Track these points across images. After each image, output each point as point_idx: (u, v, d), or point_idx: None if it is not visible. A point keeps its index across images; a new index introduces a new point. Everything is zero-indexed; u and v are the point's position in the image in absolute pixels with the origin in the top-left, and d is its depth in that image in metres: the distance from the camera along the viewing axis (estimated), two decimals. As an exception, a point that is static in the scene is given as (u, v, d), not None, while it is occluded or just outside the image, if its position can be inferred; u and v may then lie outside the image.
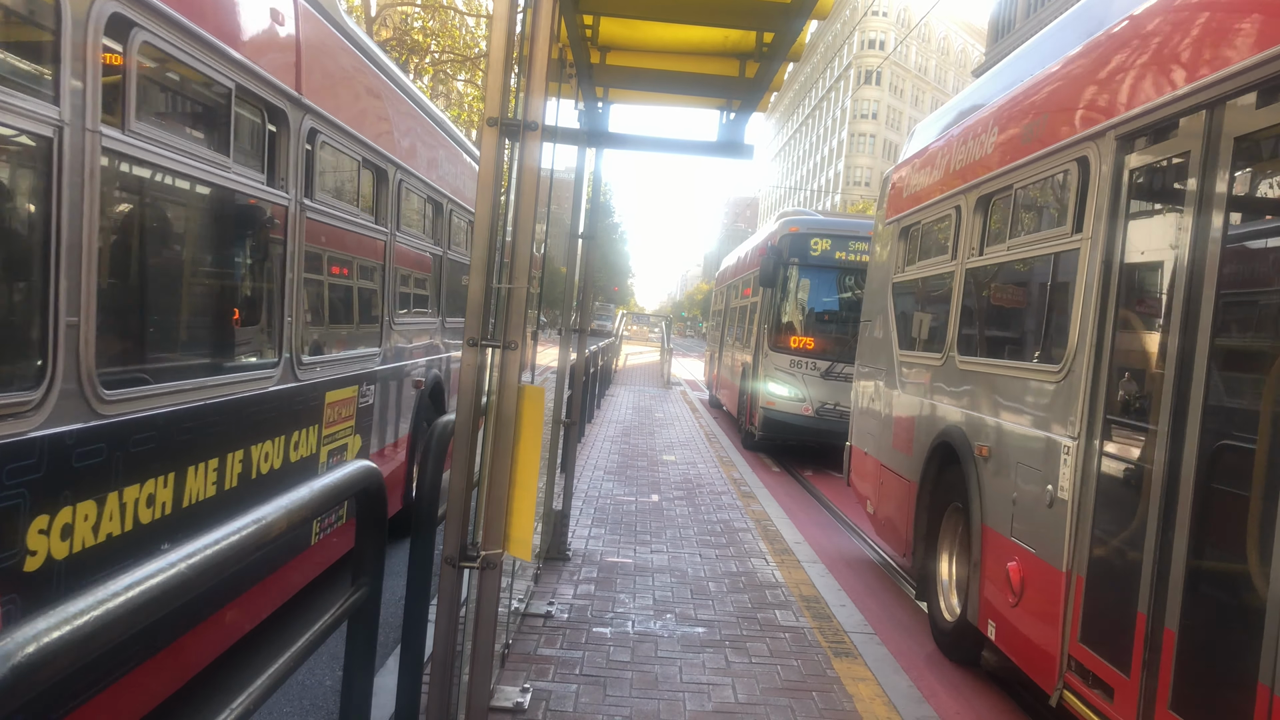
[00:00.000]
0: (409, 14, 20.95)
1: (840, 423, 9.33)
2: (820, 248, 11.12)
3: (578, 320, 5.42)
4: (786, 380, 11.01)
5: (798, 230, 11.40)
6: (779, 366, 11.12)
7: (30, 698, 0.94)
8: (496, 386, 2.59)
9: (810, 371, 10.88)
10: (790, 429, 10.96)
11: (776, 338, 11.22)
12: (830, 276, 11.32)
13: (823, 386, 10.81)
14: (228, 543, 1.42)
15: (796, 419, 10.90)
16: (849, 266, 11.06)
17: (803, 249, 11.17)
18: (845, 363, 10.20)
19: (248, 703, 1.53)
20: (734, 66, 4.55)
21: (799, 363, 10.98)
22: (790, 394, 10.95)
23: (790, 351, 11.08)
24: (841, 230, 11.47)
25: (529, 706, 3.44)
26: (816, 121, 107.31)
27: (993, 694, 4.36)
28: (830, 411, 10.69)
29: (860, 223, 11.65)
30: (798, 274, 11.29)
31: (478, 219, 2.53)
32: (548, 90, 2.62)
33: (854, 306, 10.33)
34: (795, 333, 11.21)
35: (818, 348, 11.05)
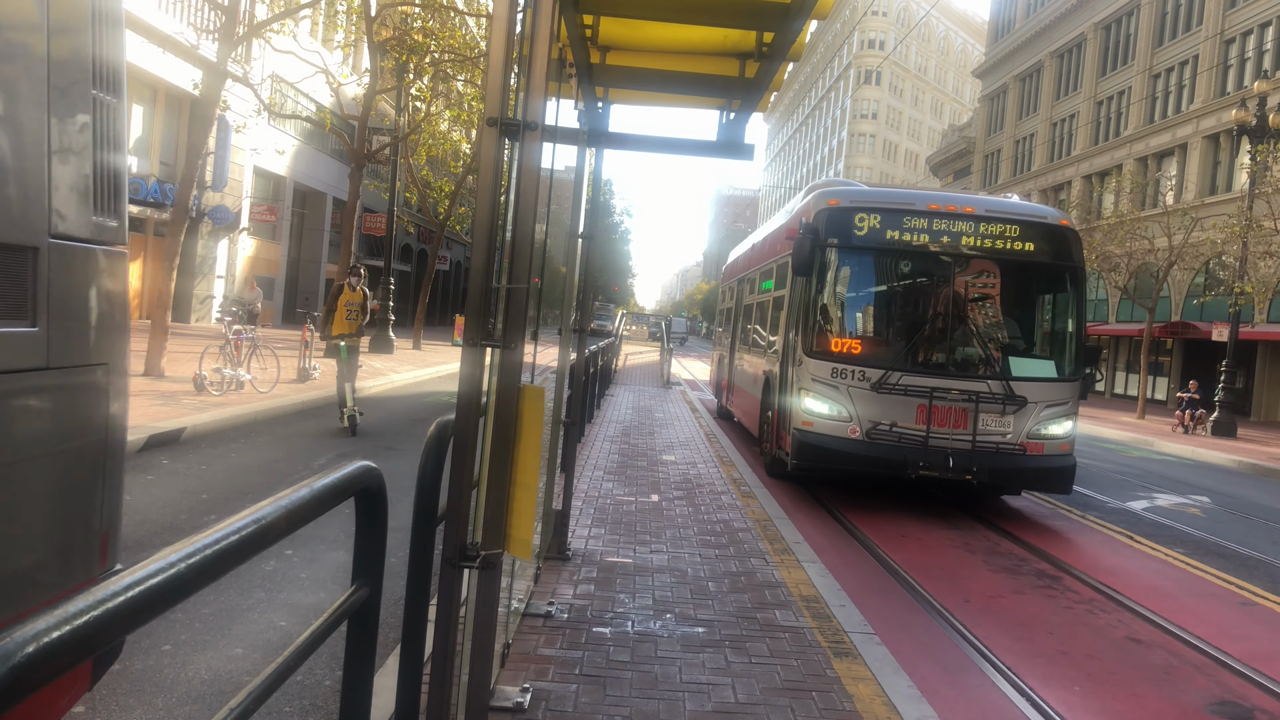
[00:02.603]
0: (409, 14, 20.94)
1: (902, 450, 8.27)
2: (867, 225, 8.72)
3: (578, 320, 5.42)
4: (828, 394, 8.62)
5: (838, 204, 8.93)
6: (818, 376, 8.69)
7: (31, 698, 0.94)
8: (496, 386, 2.59)
9: (858, 383, 8.50)
10: (833, 456, 8.51)
11: (814, 340, 8.86)
12: (883, 261, 9.03)
13: (875, 402, 8.45)
14: (228, 542, 1.42)
15: (841, 444, 8.51)
16: (906, 250, 8.75)
17: (845, 227, 8.77)
18: (907, 372, 8.49)
19: (248, 703, 1.52)
20: (734, 66, 4.55)
21: (844, 372, 8.57)
22: (832, 411, 8.59)
23: (833, 357, 8.70)
24: (893, 203, 8.93)
25: (529, 706, 3.44)
26: (816, 121, 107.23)
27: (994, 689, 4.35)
28: (886, 435, 8.38)
29: (917, 194, 9.37)
30: (840, 259, 8.94)
31: (478, 219, 2.53)
32: (547, 90, 2.62)
33: (915, 301, 9.04)
34: (839, 334, 9.00)
35: (868, 353, 8.82)
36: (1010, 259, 8.78)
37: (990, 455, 8.32)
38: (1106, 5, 41.48)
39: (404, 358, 22.46)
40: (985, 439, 8.37)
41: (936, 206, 8.77)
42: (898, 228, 8.72)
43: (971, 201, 8.95)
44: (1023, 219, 8.79)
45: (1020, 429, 8.47)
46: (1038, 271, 8.99)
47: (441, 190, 28.06)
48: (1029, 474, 8.55)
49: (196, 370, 11.91)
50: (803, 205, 10.30)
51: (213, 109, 14.16)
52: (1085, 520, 9.27)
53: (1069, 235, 8.88)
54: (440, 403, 14.73)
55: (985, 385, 8.42)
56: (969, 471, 8.15)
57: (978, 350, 8.91)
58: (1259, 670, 4.99)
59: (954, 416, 8.38)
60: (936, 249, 8.68)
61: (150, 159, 23.92)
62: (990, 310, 9.17)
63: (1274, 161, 21.20)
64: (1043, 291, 9.23)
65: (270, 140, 28.23)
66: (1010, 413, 8.44)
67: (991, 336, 9.04)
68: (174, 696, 3.54)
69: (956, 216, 8.69)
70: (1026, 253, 8.74)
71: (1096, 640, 5.35)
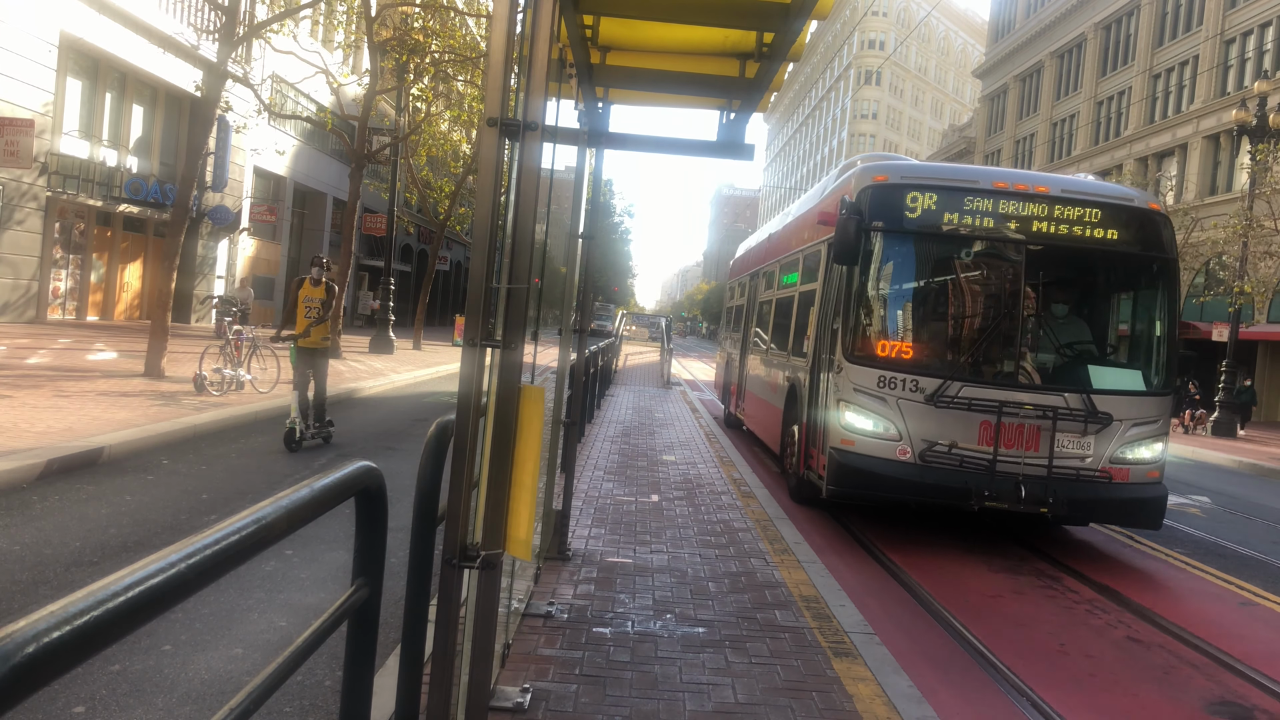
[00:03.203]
0: (409, 14, 20.94)
1: (963, 476, 6.97)
2: (921, 205, 7.35)
3: (578, 320, 5.42)
4: (872, 407, 7.24)
5: (886, 181, 7.54)
6: (861, 386, 7.30)
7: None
8: (496, 387, 2.59)
9: (910, 394, 7.14)
10: (878, 482, 7.15)
11: (857, 343, 7.47)
12: (940, 250, 7.62)
13: (931, 418, 7.10)
14: (227, 542, 1.42)
15: (888, 468, 7.13)
16: (968, 236, 7.38)
17: (894, 208, 7.39)
18: (969, 382, 7.13)
19: (247, 703, 1.52)
20: (734, 66, 4.55)
21: (892, 381, 7.19)
22: (878, 428, 7.23)
23: (879, 363, 7.31)
24: (952, 179, 7.60)
25: (529, 706, 3.44)
26: (816, 122, 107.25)
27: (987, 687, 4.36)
28: (944, 458, 7.05)
29: (979, 170, 7.92)
30: (888, 247, 7.54)
31: (477, 219, 2.53)
32: (548, 90, 2.62)
33: (978, 297, 7.62)
34: (887, 336, 7.60)
35: (922, 358, 7.43)
36: (1091, 248, 7.42)
37: (1069, 483, 7.02)
38: (1106, 5, 41.49)
39: (404, 358, 22.46)
40: (1063, 463, 7.05)
41: (1004, 185, 7.42)
42: (957, 209, 7.32)
43: (1044, 180, 7.62)
44: (1106, 201, 7.44)
45: (1103, 451, 7.16)
46: (1123, 264, 7.80)
47: (441, 190, 28.06)
48: (1113, 506, 7.19)
49: (196, 370, 11.91)
50: (841, 183, 8.62)
51: (213, 109, 14.16)
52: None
53: (1159, 221, 7.56)
54: (440, 403, 14.73)
55: (1062, 399, 7.08)
56: (1044, 503, 6.81)
57: (1053, 357, 7.62)
58: (1259, 670, 4.99)
59: (1026, 436, 7.03)
60: (1004, 235, 7.33)
61: (150, 159, 23.93)
62: (1067, 309, 7.80)
63: (1274, 161, 21.21)
64: (1128, 288, 8.06)
65: (270, 140, 28.23)
66: (1092, 432, 7.12)
67: (1069, 341, 7.75)
68: (174, 696, 3.54)
69: (1027, 197, 7.36)
70: (1110, 241, 7.40)
71: (1096, 640, 5.35)
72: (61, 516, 5.96)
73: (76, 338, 17.59)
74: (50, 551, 5.20)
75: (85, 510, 6.17)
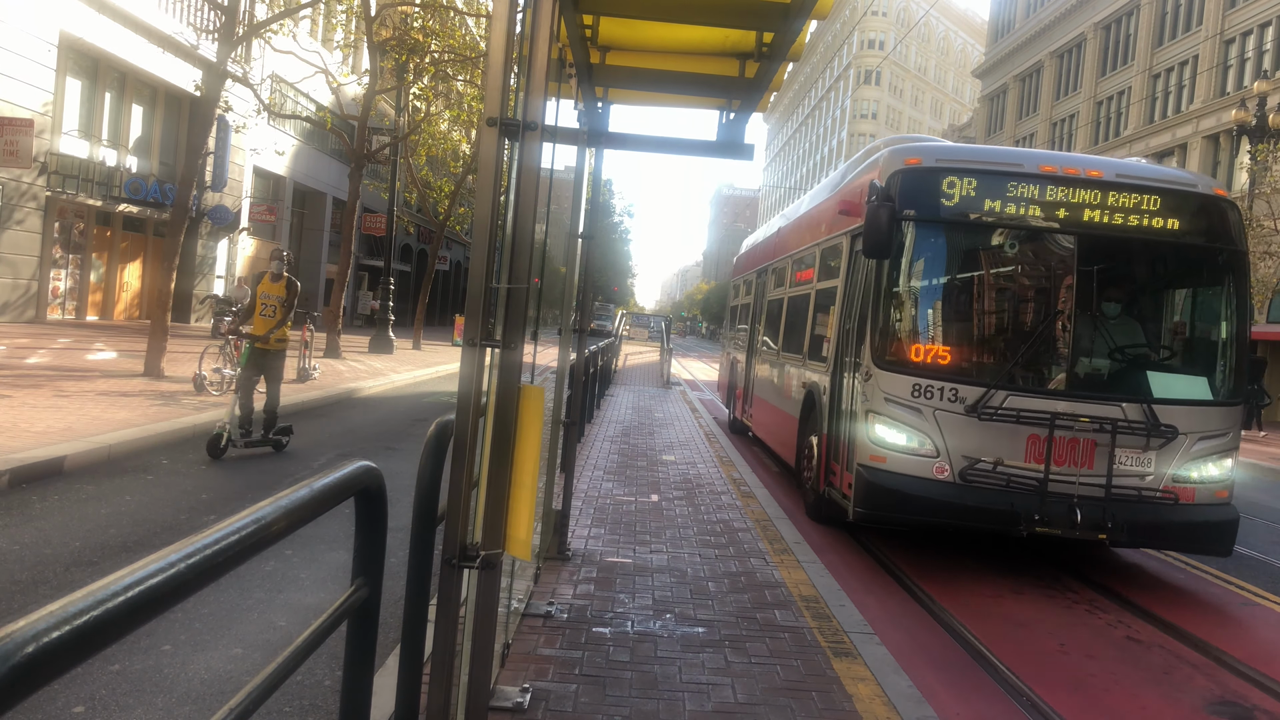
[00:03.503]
0: (409, 14, 20.94)
1: (1010, 497, 6.22)
2: (960, 192, 6.57)
3: (577, 320, 5.43)
4: (906, 419, 6.47)
5: (919, 164, 6.74)
6: (893, 395, 6.52)
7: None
8: (496, 387, 2.59)
9: (949, 404, 6.39)
10: (913, 504, 6.39)
11: (889, 347, 6.70)
12: (981, 242, 6.82)
13: (972, 431, 6.35)
14: (227, 542, 1.42)
15: (925, 487, 6.38)
16: (1013, 226, 6.63)
17: (929, 195, 6.62)
18: (1016, 391, 6.41)
19: (247, 703, 1.52)
20: (734, 66, 4.55)
21: (929, 389, 6.44)
22: (912, 443, 6.48)
23: (914, 370, 6.54)
24: (993, 163, 6.81)
25: (529, 706, 3.44)
26: (816, 121, 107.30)
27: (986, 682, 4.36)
28: (988, 477, 6.30)
29: (1022, 153, 7.16)
30: (922, 239, 6.78)
31: (477, 219, 2.53)
32: (547, 90, 2.62)
33: (1025, 295, 6.92)
34: (923, 339, 6.78)
35: (962, 364, 6.64)
36: (1152, 240, 6.66)
37: (1129, 505, 6.25)
38: (1106, 5, 41.51)
39: (404, 358, 22.46)
40: (1123, 483, 6.30)
41: (1051, 169, 6.66)
42: (999, 196, 6.55)
43: (1096, 163, 6.84)
44: (1166, 186, 6.68)
45: (1166, 469, 6.41)
46: (1186, 256, 6.93)
47: (441, 190, 28.06)
48: (1177, 530, 6.40)
49: (196, 370, 11.91)
50: (866, 167, 7.88)
51: (212, 109, 14.16)
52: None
53: (1225, 208, 6.76)
54: (440, 403, 14.73)
55: (1120, 410, 6.32)
56: (1101, 528, 6.11)
57: (1110, 363, 6.74)
58: (1259, 670, 4.99)
59: (1081, 452, 6.31)
60: (1052, 226, 6.60)
61: (150, 159, 23.93)
62: (1123, 309, 6.88)
63: (1274, 161, 21.22)
64: (1192, 283, 7.18)
65: (270, 140, 28.23)
66: (1155, 447, 6.37)
67: (1126, 344, 6.86)
68: (174, 696, 3.54)
69: (1078, 183, 6.60)
70: (1171, 231, 6.62)
71: (1096, 640, 5.35)
72: (61, 516, 5.96)
73: (76, 337, 17.59)
74: (50, 551, 5.20)
75: (85, 510, 6.17)
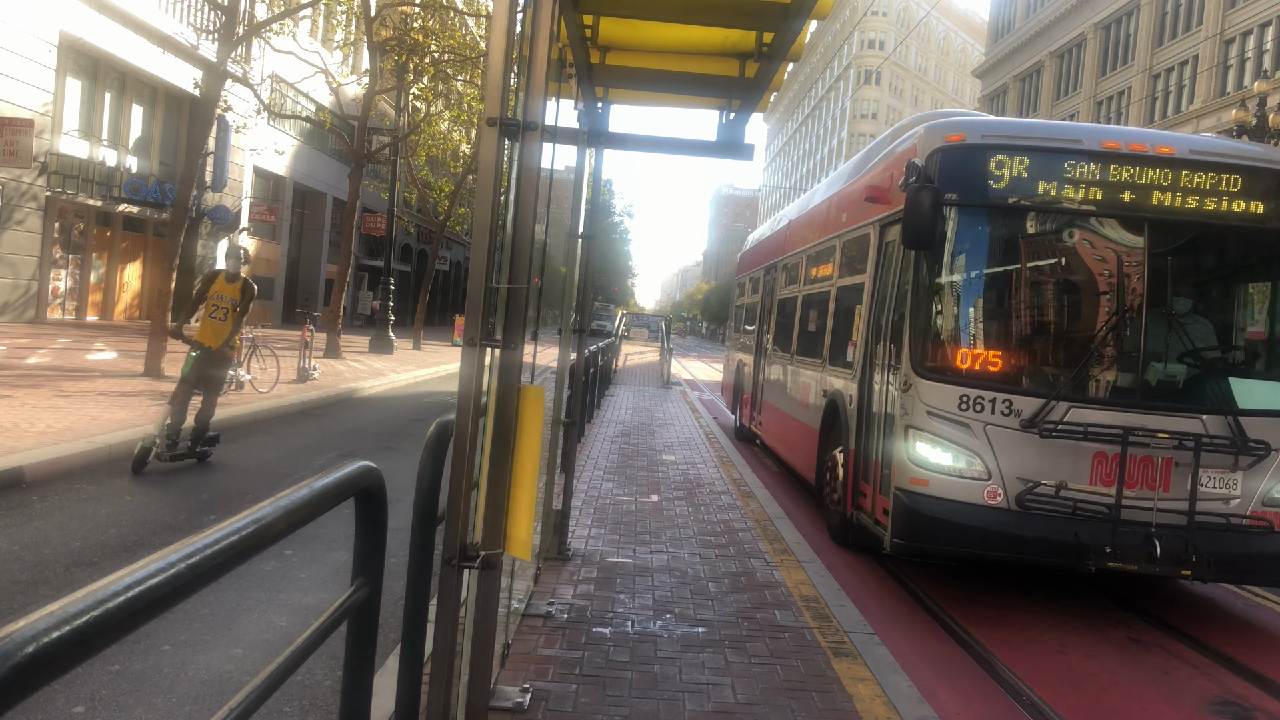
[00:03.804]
0: (409, 14, 20.94)
1: (1074, 526, 5.37)
2: (1010, 172, 5.69)
3: (577, 320, 5.43)
4: (953, 436, 5.60)
5: (962, 140, 5.84)
6: (937, 408, 5.65)
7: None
8: (496, 386, 2.59)
9: (1003, 418, 5.54)
10: (962, 535, 5.52)
11: (931, 352, 5.80)
12: (1038, 229, 5.93)
13: (1030, 450, 5.51)
14: (227, 542, 1.42)
15: (975, 515, 5.52)
16: (1073, 211, 5.78)
17: (975, 176, 5.74)
18: (1081, 402, 5.56)
19: (247, 703, 1.52)
20: (734, 66, 4.55)
21: (978, 401, 5.57)
22: (960, 463, 5.60)
23: (961, 378, 5.66)
24: (1047, 138, 5.91)
25: (529, 706, 3.44)
26: (816, 121, 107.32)
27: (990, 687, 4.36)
28: (1050, 503, 5.44)
29: (1078, 128, 6.26)
30: (967, 226, 5.89)
31: (477, 219, 2.53)
32: (547, 90, 2.62)
33: (1088, 291, 5.95)
34: (971, 343, 5.87)
35: (1017, 371, 5.79)
36: (1233, 227, 5.76)
37: (1216, 535, 5.38)
38: (1106, 5, 41.51)
39: (404, 358, 22.46)
40: (1208, 508, 5.42)
41: (1115, 145, 5.76)
42: (1056, 176, 5.68)
43: (1166, 138, 5.92)
44: (1247, 164, 5.78)
45: (1255, 490, 5.53)
46: (1274, 246, 5.91)
47: (441, 190, 28.07)
48: (1272, 563, 5.52)
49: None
50: (899, 146, 6.90)
51: (213, 109, 14.16)
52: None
53: None
54: (440, 403, 14.73)
55: (1201, 423, 5.49)
56: (1186, 562, 5.27)
57: (1187, 369, 5.80)
58: (1259, 670, 4.99)
59: (1158, 473, 5.43)
60: (1118, 211, 5.72)
61: (150, 159, 23.93)
62: (1202, 306, 6.03)
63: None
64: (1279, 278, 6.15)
65: (270, 140, 28.23)
66: (1243, 466, 5.52)
67: (1204, 346, 5.95)
68: (174, 696, 3.54)
69: (1146, 161, 5.70)
70: (1256, 217, 5.70)
71: (1096, 640, 5.35)
72: (61, 516, 5.96)
73: (76, 338, 17.59)
74: (50, 551, 5.20)
75: (85, 510, 6.16)
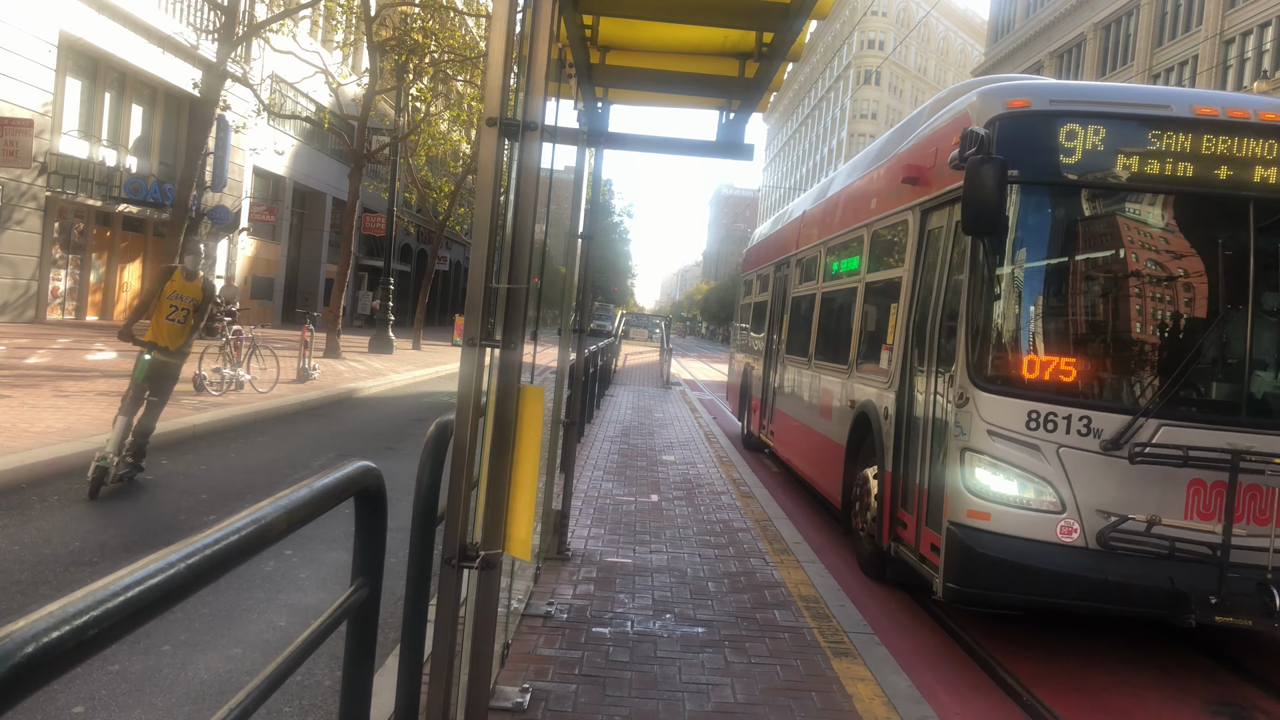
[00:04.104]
0: (409, 14, 20.94)
1: (1169, 570, 4.45)
2: (1085, 144, 4.74)
3: (577, 320, 5.43)
4: (1019, 460, 4.66)
5: (1026, 106, 4.89)
6: (1000, 426, 4.70)
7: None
8: (496, 387, 2.59)
9: (1079, 439, 4.61)
10: (1032, 579, 4.56)
11: (993, 359, 4.86)
12: (1119, 211, 4.90)
13: (1114, 476, 4.58)
14: (226, 543, 1.42)
15: (1048, 556, 4.57)
16: (1160, 189, 4.81)
17: (1044, 148, 4.79)
18: (1175, 420, 4.58)
19: (247, 703, 1.52)
20: (734, 66, 4.55)
21: (1050, 418, 4.64)
22: (1028, 493, 4.66)
23: (1029, 391, 4.71)
24: (1130, 104, 4.93)
25: (528, 706, 3.44)
26: (816, 121, 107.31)
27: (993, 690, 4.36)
28: (1139, 541, 4.49)
29: (1162, 91, 5.12)
30: (1035, 207, 4.91)
31: (477, 219, 2.53)
32: (547, 90, 2.62)
33: (1181, 288, 4.86)
34: (1040, 348, 4.86)
35: (1096, 382, 4.78)
36: None
37: None
38: (1106, 5, 41.51)
39: (403, 358, 22.46)
40: None
41: (1210, 111, 4.77)
42: (1140, 148, 4.71)
43: (1268, 103, 4.91)
44: None
45: None
46: None
47: (441, 190, 28.07)
48: None
49: (196, 370, 11.91)
50: (941, 118, 5.90)
51: (213, 109, 14.17)
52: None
53: None
54: (440, 403, 14.73)
55: None
56: None
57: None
58: (1259, 672, 4.99)
59: (1274, 506, 4.56)
60: (1216, 190, 4.74)
61: (150, 159, 23.92)
62: None
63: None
64: None
65: (270, 140, 28.23)
66: None
67: None
68: (174, 696, 3.54)
69: (1250, 130, 4.72)
70: None
71: (1096, 640, 5.35)
72: (61, 516, 5.95)
73: (76, 338, 17.59)
74: (50, 551, 5.20)
75: (85, 510, 6.16)
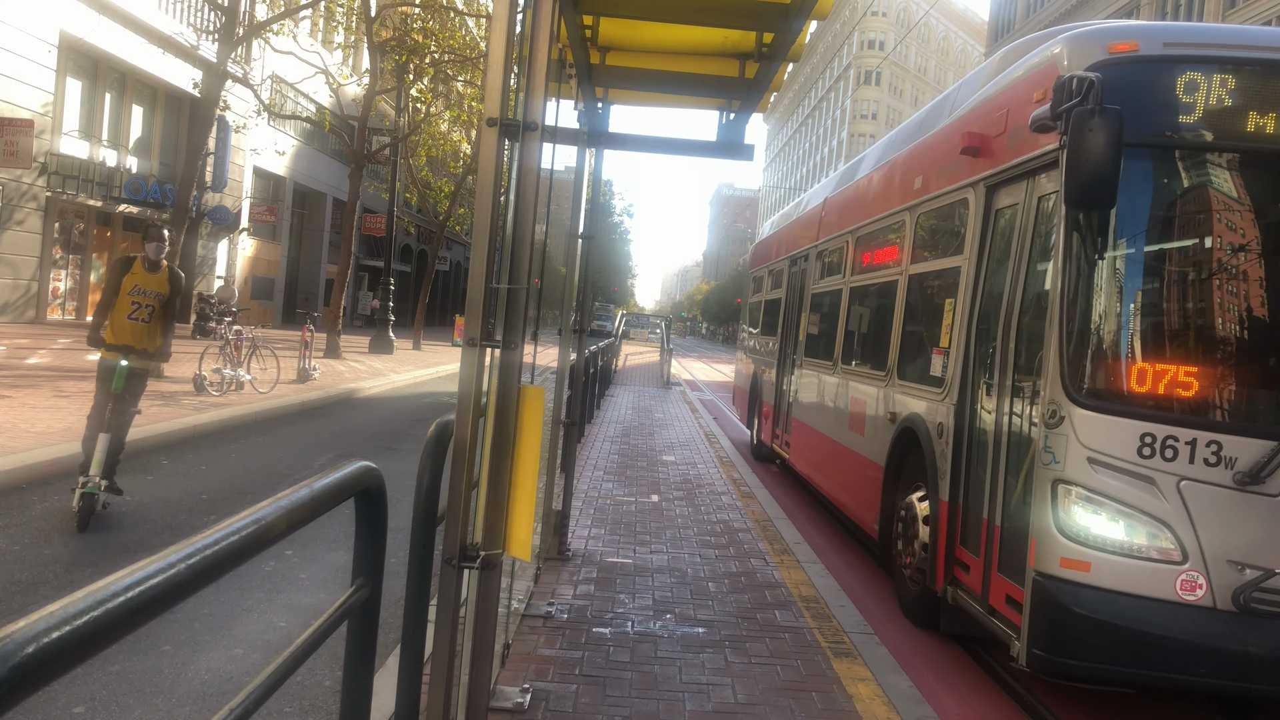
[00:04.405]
0: (409, 14, 20.94)
1: None
2: (1208, 98, 3.73)
3: (577, 320, 5.43)
4: (1128, 496, 3.64)
5: (1134, 50, 3.83)
6: (1104, 453, 3.67)
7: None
8: (496, 387, 2.59)
9: (1205, 468, 3.61)
10: (1144, 648, 3.59)
11: (1092, 367, 3.84)
12: (1256, 180, 3.88)
13: (1250, 518, 3.61)
14: (227, 543, 1.42)
15: (1166, 618, 3.61)
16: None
17: (1159, 102, 3.76)
18: None
19: (247, 703, 1.52)
20: (734, 67, 4.55)
21: (1169, 444, 3.62)
22: (1138, 538, 3.64)
23: (1141, 410, 3.68)
24: (1266, 47, 3.87)
25: (529, 707, 3.44)
26: (816, 122, 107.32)
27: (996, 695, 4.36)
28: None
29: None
30: (1143, 177, 3.86)
31: (477, 219, 2.53)
32: (547, 90, 2.62)
33: None
34: (1156, 356, 3.78)
35: (1226, 399, 3.80)
36: None
37: None
38: (1106, 6, 41.51)
39: (404, 358, 22.46)
40: None
41: None
42: (1276, 104, 3.76)
43: None
44: None
45: None
46: None
47: (441, 190, 28.07)
48: None
49: (196, 371, 11.91)
50: (1014, 72, 4.88)
51: (213, 109, 14.16)
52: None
53: None
54: (440, 403, 14.73)
55: None
56: None
57: None
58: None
59: None
60: None
61: (150, 159, 23.92)
62: None
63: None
64: None
65: (270, 140, 28.24)
66: None
67: None
68: (174, 697, 3.54)
69: None
70: None
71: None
72: (62, 516, 5.95)
73: (76, 338, 17.58)
74: (50, 551, 5.20)
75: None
